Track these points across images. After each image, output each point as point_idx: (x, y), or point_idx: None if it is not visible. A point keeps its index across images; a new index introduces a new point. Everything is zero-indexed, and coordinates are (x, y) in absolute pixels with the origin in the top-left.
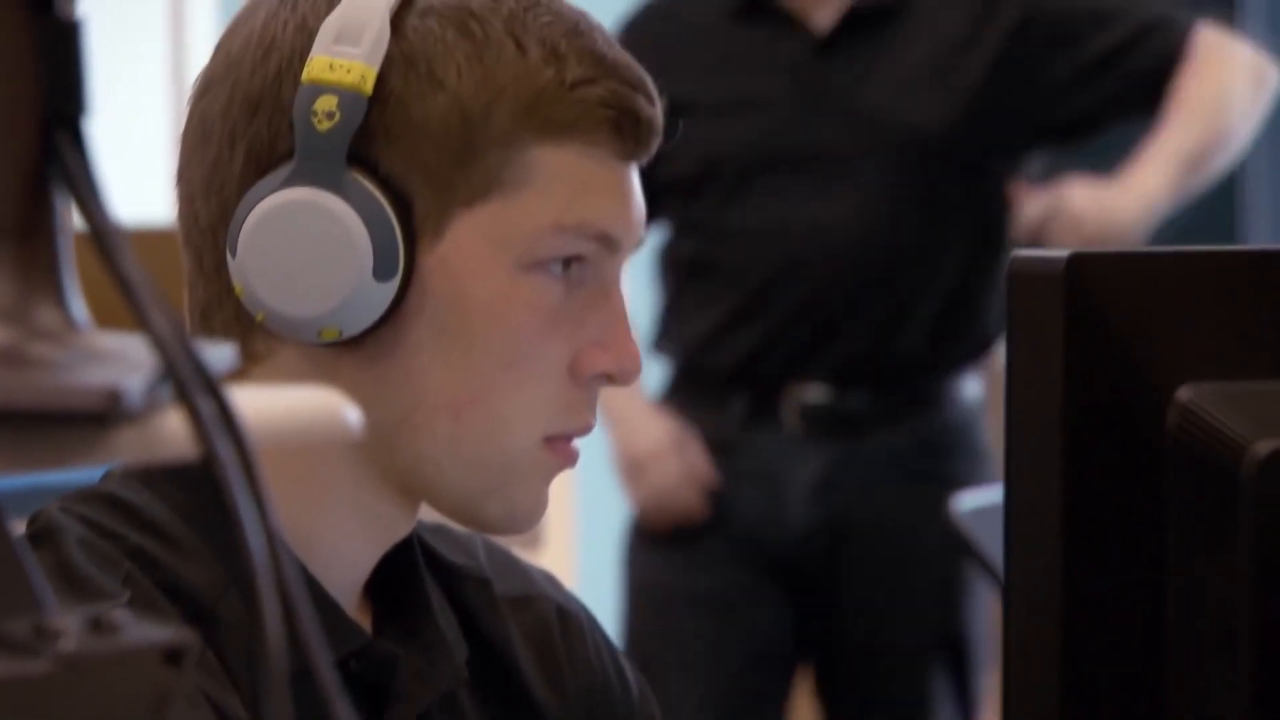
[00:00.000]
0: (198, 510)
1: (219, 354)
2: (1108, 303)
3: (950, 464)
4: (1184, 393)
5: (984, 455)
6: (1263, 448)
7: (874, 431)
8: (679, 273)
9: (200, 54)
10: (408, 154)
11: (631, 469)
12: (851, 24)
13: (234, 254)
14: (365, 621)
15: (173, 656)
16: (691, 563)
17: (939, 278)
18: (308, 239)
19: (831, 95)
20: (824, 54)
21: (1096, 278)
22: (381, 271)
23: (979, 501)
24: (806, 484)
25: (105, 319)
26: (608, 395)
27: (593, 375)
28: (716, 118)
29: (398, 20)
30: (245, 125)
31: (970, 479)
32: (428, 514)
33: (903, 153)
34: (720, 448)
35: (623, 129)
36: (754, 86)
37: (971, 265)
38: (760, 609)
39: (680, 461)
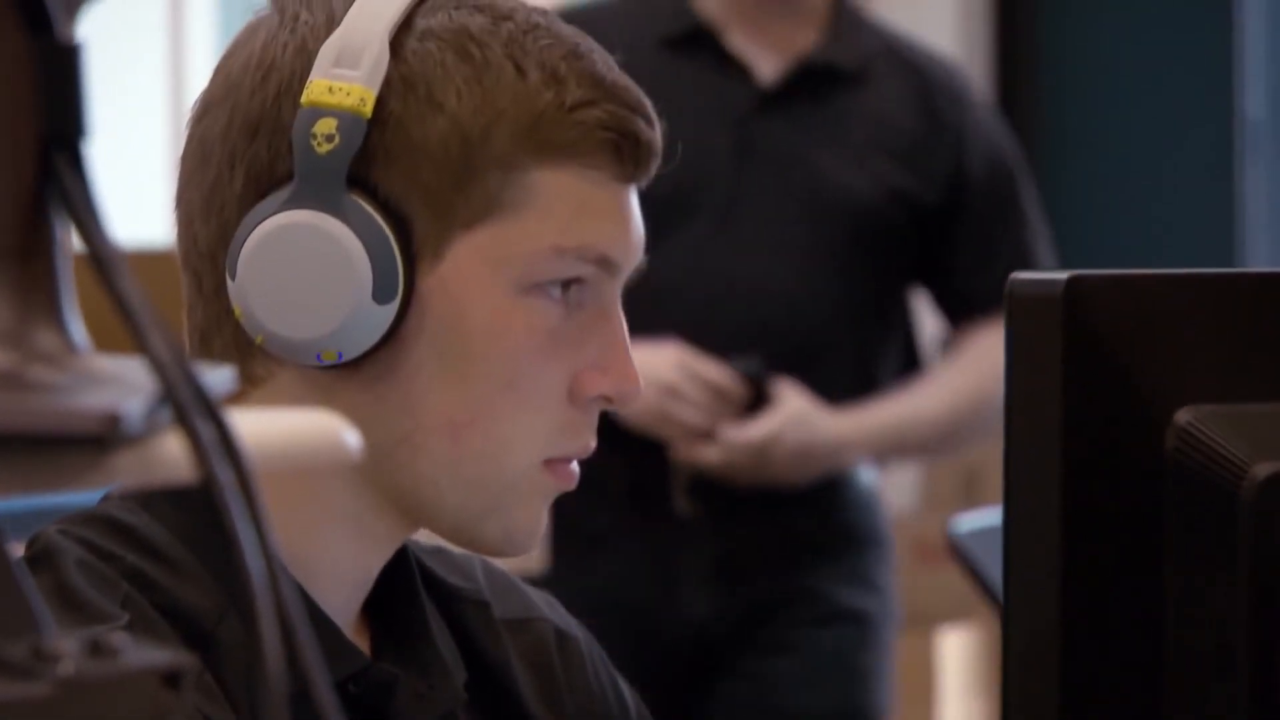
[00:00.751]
0: (197, 533)
1: (218, 377)
2: (1107, 325)
3: (855, 550)
4: (1183, 415)
5: (888, 543)
6: (1262, 470)
7: (774, 512)
8: None
9: (199, 76)
10: (407, 176)
11: (668, 395)
12: (799, 79)
13: (233, 276)
14: (364, 643)
15: (171, 679)
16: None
17: (844, 357)
18: (307, 261)
19: (768, 150)
20: (766, 106)
21: (1096, 300)
22: (381, 294)
23: (978, 523)
24: (703, 568)
25: (104, 342)
26: None
27: (592, 397)
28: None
29: (397, 43)
30: (245, 148)
31: (874, 566)
32: (425, 535)
33: (831, 221)
34: (598, 537)
35: (622, 151)
36: (686, 126)
37: (878, 351)
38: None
39: (710, 365)
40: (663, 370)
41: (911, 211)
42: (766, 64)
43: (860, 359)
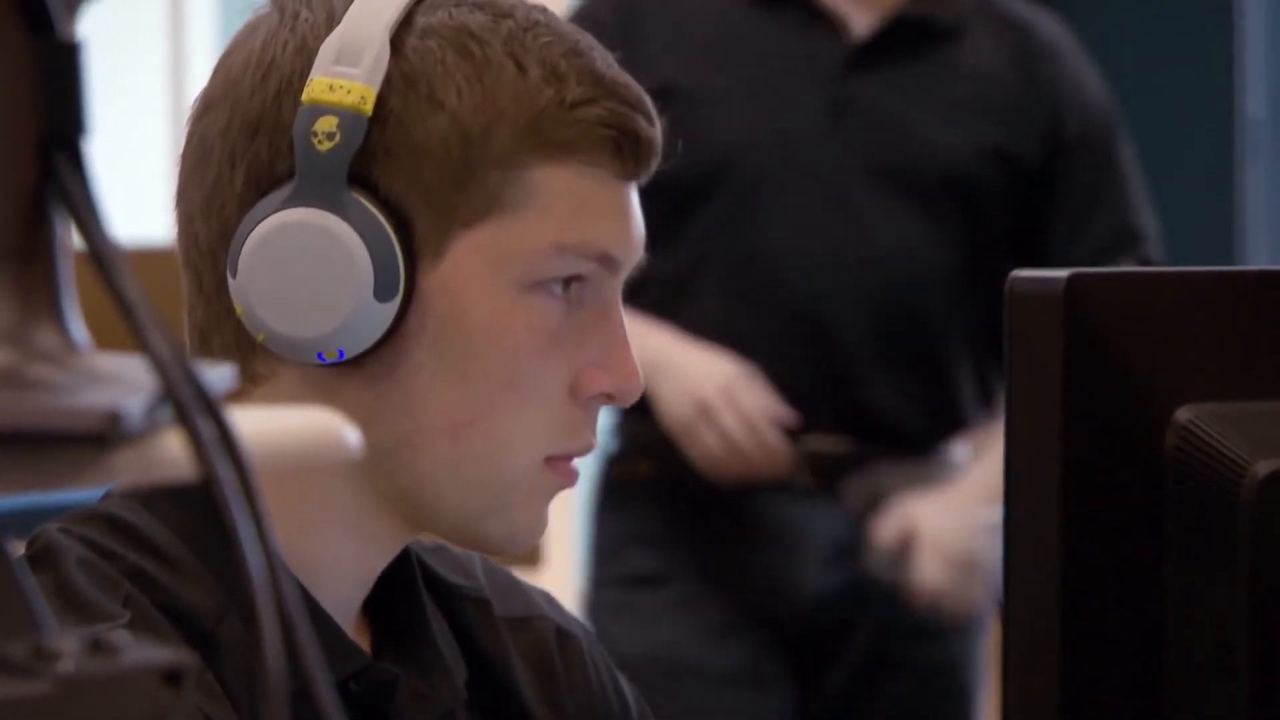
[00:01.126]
0: (197, 531)
1: (218, 375)
2: (1107, 323)
3: None
4: (1183, 413)
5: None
6: (1262, 468)
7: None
8: (656, 294)
9: (199, 76)
10: (408, 174)
11: (701, 413)
12: (893, 34)
13: (234, 275)
14: (364, 642)
15: (172, 677)
16: (708, 633)
17: (948, 324)
18: (308, 260)
19: (861, 108)
20: (859, 62)
21: (1096, 298)
22: (382, 292)
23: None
24: (823, 545)
25: (105, 340)
26: (650, 341)
27: (593, 395)
28: (729, 110)
29: (397, 41)
30: (245, 146)
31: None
32: (427, 534)
33: (927, 181)
34: (719, 505)
35: (622, 149)
36: (775, 83)
37: (983, 324)
38: (776, 694)
39: (756, 397)
40: (704, 386)
41: (1008, 172)
42: (859, 19)
43: (964, 328)
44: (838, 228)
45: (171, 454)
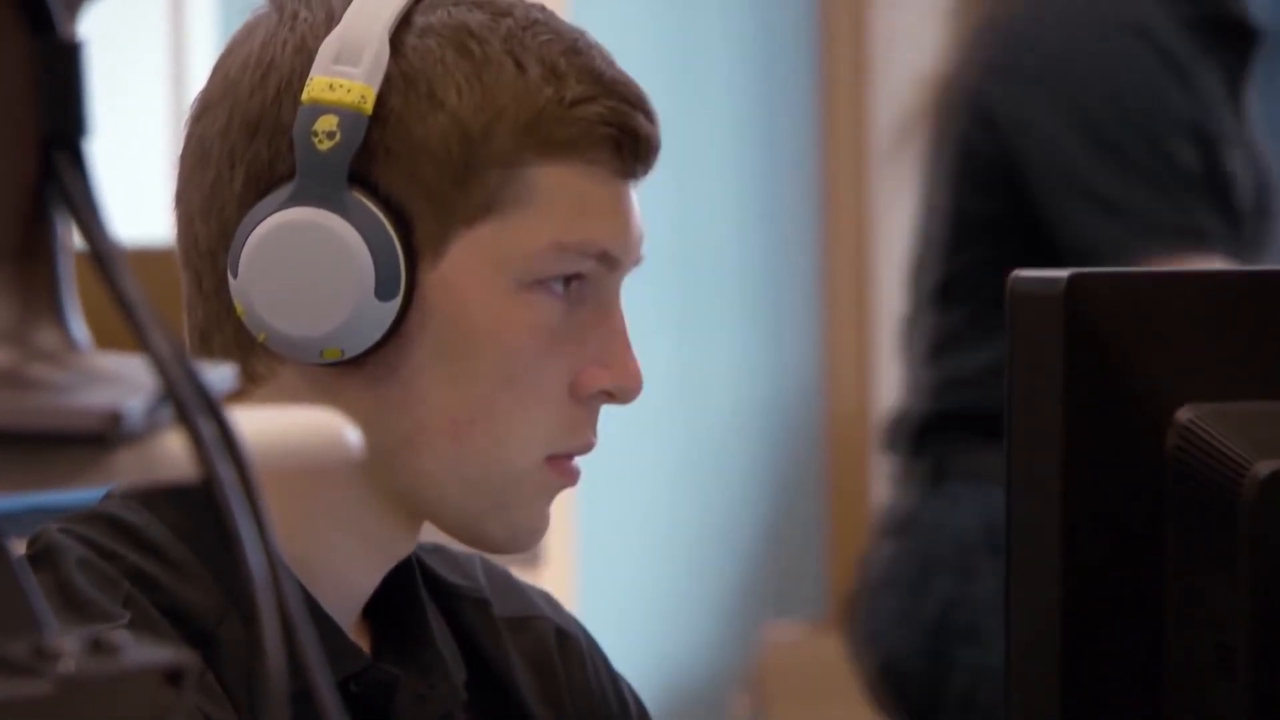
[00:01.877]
0: (198, 531)
1: (219, 375)
2: (1108, 323)
3: None
4: (1184, 413)
5: None
6: (1263, 468)
7: None
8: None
9: (199, 74)
10: (408, 174)
11: None
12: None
13: (235, 275)
14: (364, 643)
15: (173, 677)
16: None
17: None
18: (309, 259)
19: (1256, 149)
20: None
21: (1097, 298)
22: (383, 291)
23: None
24: None
25: (105, 340)
26: None
27: (593, 394)
28: (1229, 146)
29: (397, 40)
30: (244, 146)
31: None
32: (428, 533)
33: None
34: None
35: (622, 147)
36: (1243, 128)
37: None
38: None
39: None
40: None
41: None
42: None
43: None
44: None
45: (172, 454)
